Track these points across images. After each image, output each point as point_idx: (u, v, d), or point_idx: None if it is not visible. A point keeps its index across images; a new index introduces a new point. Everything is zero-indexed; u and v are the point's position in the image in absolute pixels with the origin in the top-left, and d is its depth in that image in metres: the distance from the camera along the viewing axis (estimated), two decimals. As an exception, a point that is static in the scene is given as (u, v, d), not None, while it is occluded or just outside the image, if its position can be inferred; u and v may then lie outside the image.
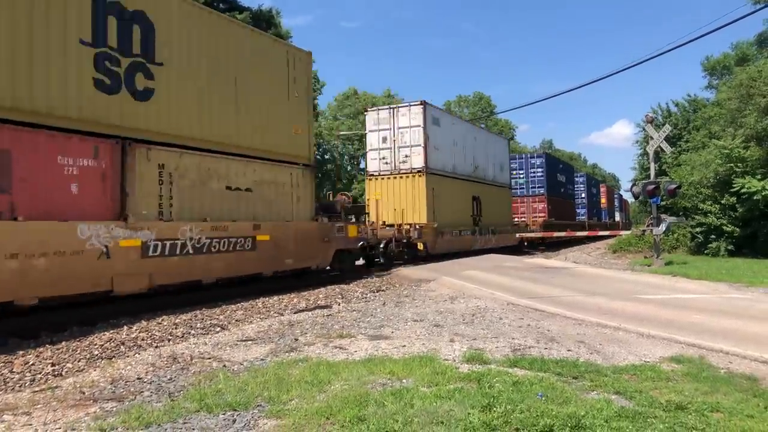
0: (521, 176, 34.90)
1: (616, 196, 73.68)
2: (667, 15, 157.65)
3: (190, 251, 10.22)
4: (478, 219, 24.83)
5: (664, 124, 23.29)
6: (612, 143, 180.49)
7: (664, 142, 18.65)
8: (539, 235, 29.58)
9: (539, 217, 33.41)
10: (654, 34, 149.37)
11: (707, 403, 4.34)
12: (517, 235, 27.89)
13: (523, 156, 36.31)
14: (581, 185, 48.17)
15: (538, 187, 34.46)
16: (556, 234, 30.16)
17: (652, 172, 19.74)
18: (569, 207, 41.23)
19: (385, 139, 21.20)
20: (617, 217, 69.64)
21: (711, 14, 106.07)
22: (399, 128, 21.02)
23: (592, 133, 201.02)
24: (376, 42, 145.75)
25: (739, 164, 21.13)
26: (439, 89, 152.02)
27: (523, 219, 33.10)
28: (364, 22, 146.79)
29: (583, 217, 46.14)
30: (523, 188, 34.86)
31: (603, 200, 58.65)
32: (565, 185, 40.37)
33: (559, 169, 38.81)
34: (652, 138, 18.97)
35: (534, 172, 34.81)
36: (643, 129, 28.36)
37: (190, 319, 9.05)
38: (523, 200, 34.67)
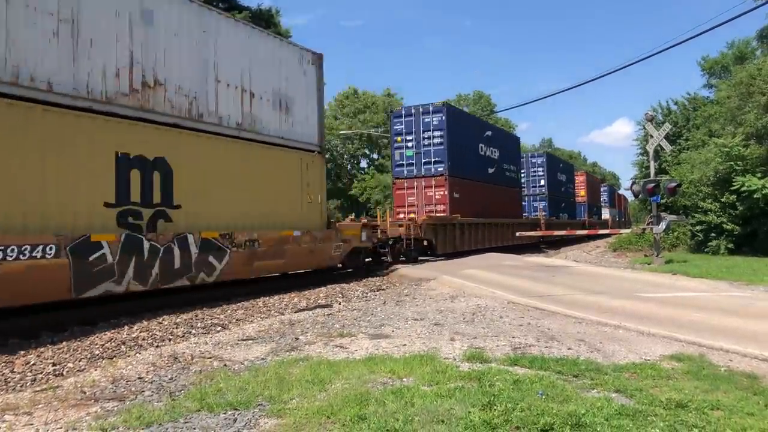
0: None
1: (604, 189, 62.09)
2: (668, 13, 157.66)
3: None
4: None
5: (663, 123, 23.31)
6: (612, 142, 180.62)
7: (663, 140, 18.64)
8: (538, 234, 29.51)
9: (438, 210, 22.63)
10: (655, 31, 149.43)
11: (707, 401, 4.35)
12: (518, 234, 27.78)
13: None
14: (539, 169, 36.83)
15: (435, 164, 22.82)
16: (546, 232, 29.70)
17: (652, 171, 19.74)
18: (504, 197, 28.23)
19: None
20: (606, 214, 57.97)
21: (711, 12, 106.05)
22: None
23: (592, 132, 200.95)
24: (376, 41, 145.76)
25: (739, 162, 21.13)
26: (439, 88, 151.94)
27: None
28: (365, 22, 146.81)
29: (537, 213, 33.85)
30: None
31: (581, 192, 47.49)
32: (498, 162, 27.79)
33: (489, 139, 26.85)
34: (651, 136, 18.96)
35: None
36: (643, 127, 28.38)
37: (191, 319, 9.06)
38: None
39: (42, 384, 5.67)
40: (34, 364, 6.38)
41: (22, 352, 6.92)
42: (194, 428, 4.03)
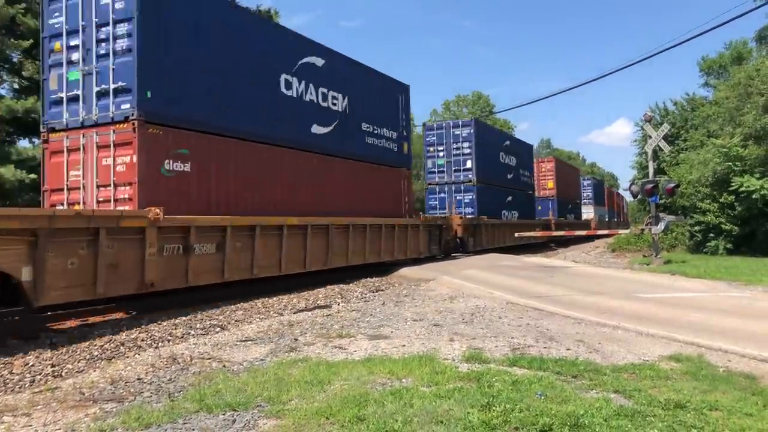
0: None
1: (586, 182, 52.15)
2: (667, 13, 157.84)
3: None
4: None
5: (662, 123, 23.33)
6: (612, 142, 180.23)
7: (662, 140, 18.67)
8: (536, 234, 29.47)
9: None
10: (654, 32, 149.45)
11: (706, 401, 4.35)
12: (517, 234, 27.77)
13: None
14: (464, 145, 24.94)
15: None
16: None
17: (651, 171, 19.76)
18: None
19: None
20: (588, 213, 48.57)
21: (710, 13, 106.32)
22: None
23: (591, 132, 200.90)
24: (375, 41, 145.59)
25: (737, 163, 21.16)
26: (439, 89, 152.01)
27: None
28: (364, 22, 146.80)
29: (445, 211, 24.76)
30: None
31: (549, 184, 37.56)
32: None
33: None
34: (650, 137, 18.99)
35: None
36: (642, 128, 28.41)
37: (190, 320, 9.05)
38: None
39: (41, 385, 5.66)
40: (32, 365, 6.36)
41: (20, 354, 6.91)
42: (193, 429, 4.03)
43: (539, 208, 35.88)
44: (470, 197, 24.61)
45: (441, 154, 25.40)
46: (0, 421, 4.40)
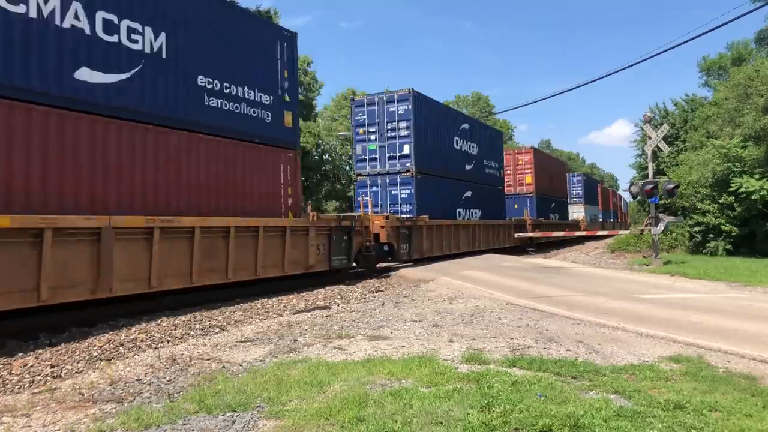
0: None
1: (576, 179, 47.49)
2: (667, 15, 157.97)
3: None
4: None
5: (661, 124, 23.34)
6: (611, 143, 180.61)
7: (661, 141, 18.67)
8: (534, 235, 29.49)
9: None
10: (654, 33, 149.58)
11: (706, 402, 4.35)
12: (517, 235, 27.75)
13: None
14: (401, 125, 19.62)
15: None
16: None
17: (650, 172, 19.76)
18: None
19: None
20: (578, 213, 44.17)
21: (709, 14, 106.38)
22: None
23: (591, 133, 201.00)
24: (375, 42, 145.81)
25: (737, 164, 21.17)
26: (438, 90, 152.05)
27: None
28: (364, 23, 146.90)
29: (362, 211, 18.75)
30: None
31: (527, 179, 32.28)
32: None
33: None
34: (650, 138, 19.00)
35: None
36: (641, 129, 28.40)
37: (189, 320, 9.05)
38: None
39: (40, 386, 5.66)
40: (32, 366, 6.36)
41: (20, 354, 6.91)
42: (193, 430, 4.02)
43: (515, 206, 30.72)
44: (408, 191, 19.32)
45: (373, 137, 19.85)
46: (0, 421, 4.40)
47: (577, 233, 31.16)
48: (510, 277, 14.67)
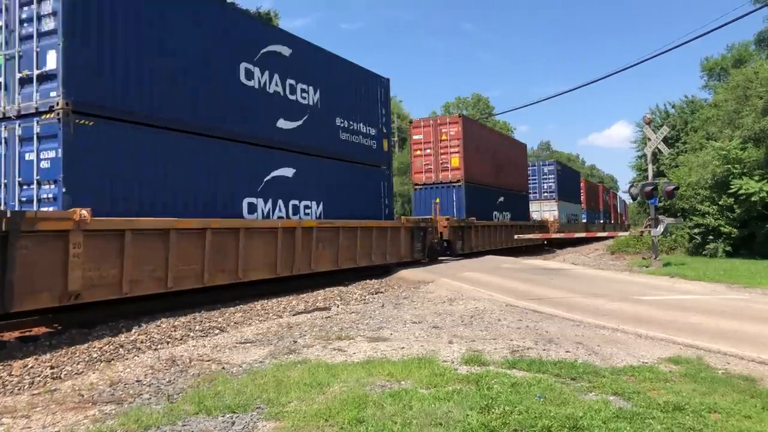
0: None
1: (548, 168, 38.43)
2: (667, 16, 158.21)
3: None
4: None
5: (662, 126, 23.36)
6: (611, 144, 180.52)
7: (661, 143, 18.70)
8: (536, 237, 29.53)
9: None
10: (654, 34, 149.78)
11: (705, 403, 4.36)
12: (516, 236, 27.80)
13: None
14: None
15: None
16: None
17: (650, 174, 19.78)
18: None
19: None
20: (544, 212, 36.79)
21: (710, 15, 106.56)
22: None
23: (591, 134, 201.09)
24: (376, 44, 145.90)
25: (736, 165, 21.19)
26: (439, 91, 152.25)
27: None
28: (364, 24, 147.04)
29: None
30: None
31: (453, 161, 23.43)
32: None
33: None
34: (649, 139, 19.02)
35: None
36: (641, 130, 28.44)
37: (189, 322, 9.05)
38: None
39: (40, 387, 5.66)
40: (32, 367, 6.36)
41: (20, 355, 6.91)
42: (192, 431, 4.03)
43: (436, 199, 23.51)
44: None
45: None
46: (-1, 423, 4.40)
47: (577, 235, 31.16)
48: (509, 278, 14.67)
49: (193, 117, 10.66)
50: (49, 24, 8.52)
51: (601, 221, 52.31)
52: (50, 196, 8.40)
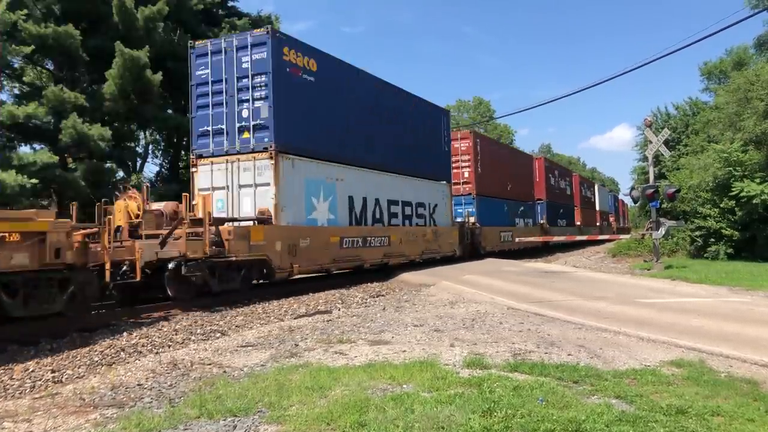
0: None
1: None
2: (668, 19, 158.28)
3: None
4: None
5: (663, 128, 23.37)
6: (613, 147, 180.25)
7: (662, 146, 18.69)
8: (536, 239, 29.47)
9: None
10: (655, 38, 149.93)
11: (708, 407, 4.34)
12: (517, 239, 27.76)
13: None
14: None
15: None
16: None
17: (651, 176, 19.77)
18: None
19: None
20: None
21: (710, 19, 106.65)
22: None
23: (592, 137, 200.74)
24: (377, 47, 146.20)
25: (737, 168, 21.19)
26: (440, 93, 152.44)
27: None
28: (366, 28, 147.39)
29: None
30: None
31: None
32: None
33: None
34: (651, 142, 19.02)
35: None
36: (643, 133, 28.44)
37: (190, 325, 9.05)
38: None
39: (41, 391, 5.66)
40: (33, 371, 6.36)
41: (21, 359, 6.91)
42: (194, 435, 4.02)
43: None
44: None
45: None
46: (0, 427, 4.39)
47: (578, 238, 31.11)
48: (510, 281, 14.65)
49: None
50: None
51: (563, 222, 38.41)
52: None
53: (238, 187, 13.53)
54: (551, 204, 35.89)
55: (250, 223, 12.61)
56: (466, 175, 25.92)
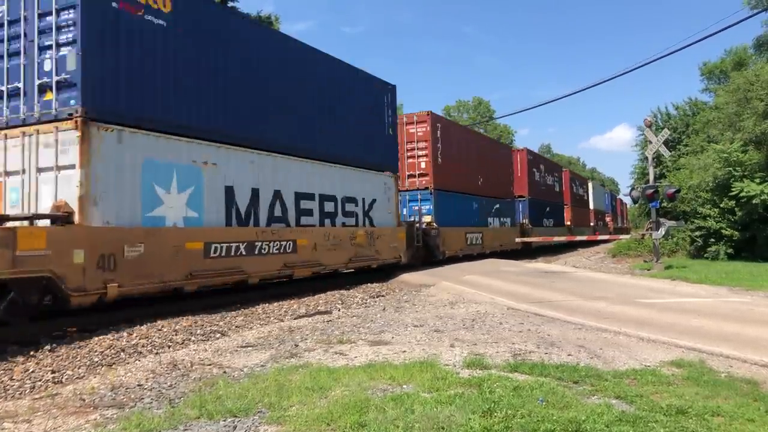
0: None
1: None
2: (668, 19, 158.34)
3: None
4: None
5: (663, 128, 23.38)
6: (613, 147, 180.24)
7: (662, 146, 18.69)
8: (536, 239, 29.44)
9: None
10: (655, 38, 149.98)
11: (708, 407, 4.35)
12: (517, 239, 27.70)
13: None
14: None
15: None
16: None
17: (651, 176, 19.76)
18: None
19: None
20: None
21: (710, 19, 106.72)
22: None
23: (592, 137, 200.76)
24: (377, 47, 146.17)
25: (737, 168, 21.20)
26: (440, 93, 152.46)
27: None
28: (366, 28, 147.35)
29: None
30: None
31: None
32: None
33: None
34: (650, 142, 19.02)
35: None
36: (643, 133, 28.46)
37: (190, 326, 9.04)
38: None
39: (41, 391, 5.66)
40: (33, 372, 6.36)
41: (21, 359, 6.90)
42: (194, 436, 4.02)
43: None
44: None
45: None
46: (0, 427, 4.39)
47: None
48: (511, 281, 14.65)
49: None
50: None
51: (549, 221, 35.08)
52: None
53: (36, 171, 9.15)
54: (535, 201, 31.79)
55: (24, 222, 8.22)
56: (423, 165, 21.29)
